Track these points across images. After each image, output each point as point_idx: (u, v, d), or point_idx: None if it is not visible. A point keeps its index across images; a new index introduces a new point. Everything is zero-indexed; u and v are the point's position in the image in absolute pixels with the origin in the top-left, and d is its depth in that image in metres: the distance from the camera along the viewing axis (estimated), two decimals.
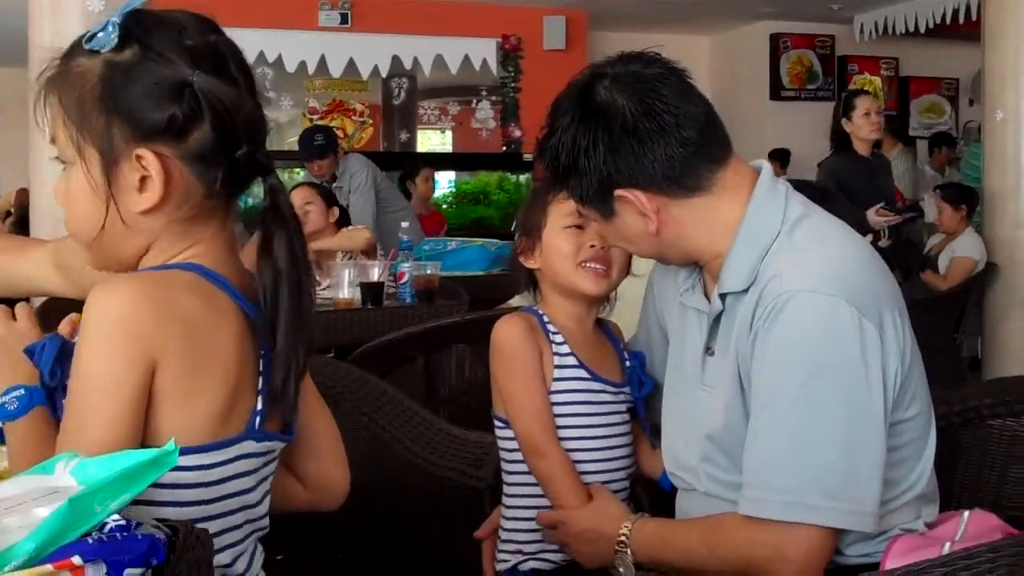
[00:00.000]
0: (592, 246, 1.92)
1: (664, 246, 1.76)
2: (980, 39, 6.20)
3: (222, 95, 1.34)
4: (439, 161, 10.84)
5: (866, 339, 1.58)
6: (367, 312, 4.11)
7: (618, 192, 1.70)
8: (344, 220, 5.22)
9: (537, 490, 1.94)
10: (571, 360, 1.95)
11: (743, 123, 11.55)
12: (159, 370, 1.30)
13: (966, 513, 1.75)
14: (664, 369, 1.93)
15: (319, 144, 6.47)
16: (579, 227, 1.92)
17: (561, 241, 1.94)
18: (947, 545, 1.63)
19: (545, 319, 1.97)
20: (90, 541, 1.05)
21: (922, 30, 10.11)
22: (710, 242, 1.73)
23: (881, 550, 1.67)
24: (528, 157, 10.18)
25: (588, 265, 1.93)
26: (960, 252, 6.19)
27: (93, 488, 1.06)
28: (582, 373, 1.95)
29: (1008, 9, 5.86)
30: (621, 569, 1.80)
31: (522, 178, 10.44)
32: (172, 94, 1.33)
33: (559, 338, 1.95)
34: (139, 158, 1.34)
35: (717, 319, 1.75)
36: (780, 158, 9.97)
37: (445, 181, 10.87)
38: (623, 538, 1.78)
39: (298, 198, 4.90)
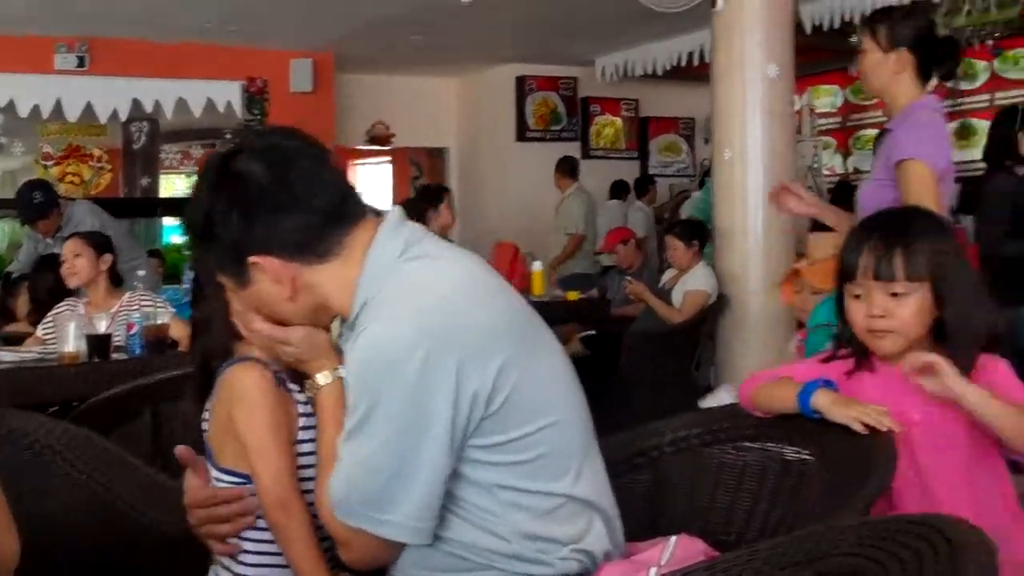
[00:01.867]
0: None
1: (302, 310, 1.80)
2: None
3: None
4: (183, 206, 10.60)
5: (432, 370, 1.61)
6: (93, 365, 4.00)
7: (251, 259, 1.73)
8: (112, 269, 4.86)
9: (274, 547, 1.89)
10: (310, 409, 1.91)
11: (489, 164, 11.79)
12: None
13: (673, 538, 1.83)
14: None
15: (39, 202, 6.16)
16: None
17: None
18: (653, 570, 1.70)
19: (274, 368, 1.92)
20: None
21: (660, 72, 10.53)
22: (344, 300, 1.76)
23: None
24: None
25: None
26: (692, 286, 6.31)
27: None
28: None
29: (734, 53, 6.03)
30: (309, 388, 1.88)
31: None
32: None
33: (296, 387, 1.92)
34: None
35: None
36: None
37: None
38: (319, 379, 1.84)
39: (68, 251, 4.77)
